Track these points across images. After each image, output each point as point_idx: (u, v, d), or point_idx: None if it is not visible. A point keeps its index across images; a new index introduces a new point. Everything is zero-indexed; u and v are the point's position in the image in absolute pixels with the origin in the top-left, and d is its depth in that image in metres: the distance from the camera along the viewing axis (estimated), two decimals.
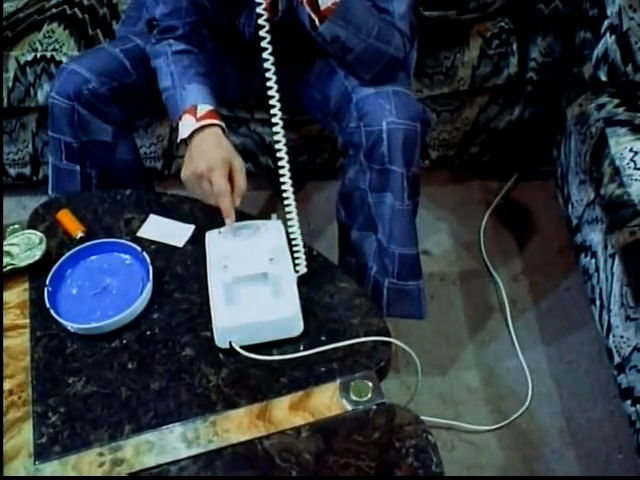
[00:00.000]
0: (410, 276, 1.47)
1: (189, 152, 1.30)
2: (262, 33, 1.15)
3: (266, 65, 1.16)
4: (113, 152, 1.53)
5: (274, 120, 1.18)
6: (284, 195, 1.18)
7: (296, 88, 1.54)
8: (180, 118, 1.32)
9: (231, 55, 1.53)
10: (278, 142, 1.18)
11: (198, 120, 1.29)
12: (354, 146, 1.38)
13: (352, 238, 1.49)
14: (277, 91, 1.18)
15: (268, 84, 1.17)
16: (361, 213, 1.44)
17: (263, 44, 1.16)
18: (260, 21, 1.15)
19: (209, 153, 1.26)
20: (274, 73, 1.17)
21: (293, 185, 1.19)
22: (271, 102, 1.17)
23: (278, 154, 1.18)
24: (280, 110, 1.18)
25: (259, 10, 1.15)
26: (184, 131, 1.30)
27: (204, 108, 1.31)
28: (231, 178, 1.25)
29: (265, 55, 1.16)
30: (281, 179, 1.18)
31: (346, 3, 1.25)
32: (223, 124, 1.32)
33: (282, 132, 1.18)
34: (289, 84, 1.55)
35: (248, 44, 1.44)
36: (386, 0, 1.33)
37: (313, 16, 1.27)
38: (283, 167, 1.18)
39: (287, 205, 1.18)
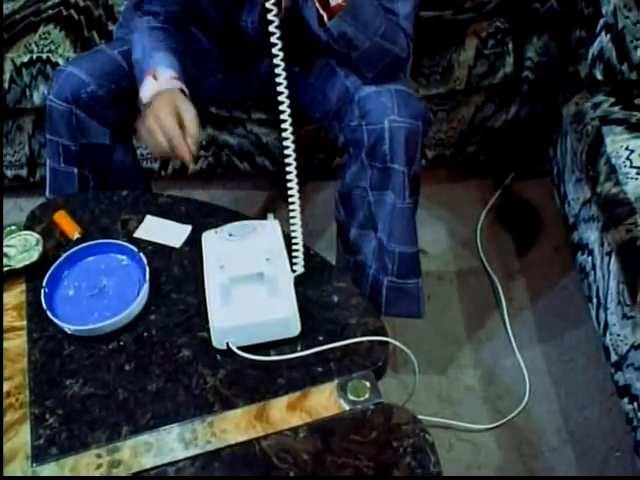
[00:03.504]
0: (409, 274, 1.47)
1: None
2: (272, 28, 1.15)
3: (276, 61, 1.16)
4: (111, 155, 1.53)
5: (282, 117, 1.16)
6: (289, 192, 1.17)
7: (295, 88, 1.54)
8: (142, 81, 1.34)
9: (228, 56, 1.53)
10: (286, 139, 1.16)
11: (159, 84, 1.32)
12: (355, 144, 1.38)
13: (351, 237, 1.49)
14: (287, 87, 1.17)
15: (277, 80, 1.16)
16: (361, 211, 1.44)
17: (273, 39, 1.15)
18: (270, 16, 1.15)
19: (156, 104, 1.29)
20: (284, 69, 1.16)
21: (284, 186, 1.19)
22: (280, 98, 1.17)
23: (285, 151, 1.17)
24: (289, 107, 1.17)
25: (268, 5, 1.15)
26: (144, 94, 1.33)
27: (166, 72, 1.33)
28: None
29: (275, 51, 1.15)
30: (287, 176, 1.16)
31: (355, 0, 1.25)
32: (184, 87, 1.34)
33: (290, 129, 1.17)
34: (288, 84, 1.55)
35: (248, 43, 1.44)
36: (391, 1, 1.33)
37: (322, 12, 1.27)
38: (290, 164, 1.16)
39: (291, 203, 1.17)
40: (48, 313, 1.14)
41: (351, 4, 1.24)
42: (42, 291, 1.17)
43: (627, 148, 1.46)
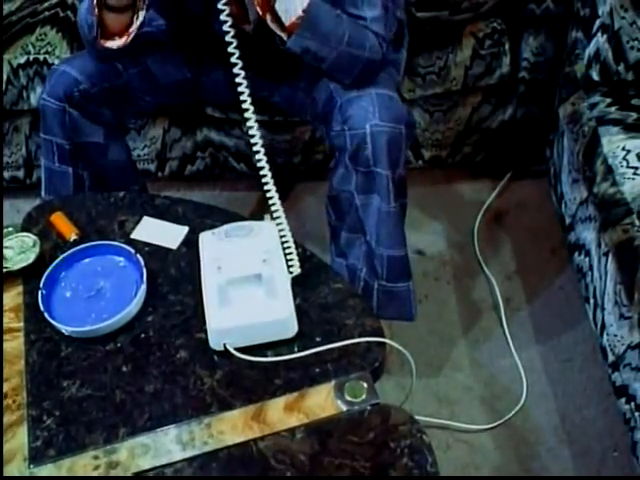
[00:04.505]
0: (399, 278, 1.47)
1: None
2: (225, 28, 1.16)
3: (232, 59, 1.16)
4: (105, 154, 1.53)
5: (249, 123, 1.18)
6: (268, 195, 1.18)
7: (286, 92, 1.55)
8: None
9: (224, 58, 1.53)
10: (254, 139, 1.18)
11: None
12: (339, 149, 1.38)
13: (342, 240, 1.49)
14: (249, 95, 1.18)
15: (237, 80, 1.16)
16: (349, 215, 1.44)
17: (228, 38, 1.16)
18: (222, 17, 1.15)
19: None
20: (244, 78, 1.17)
21: (280, 187, 1.19)
22: (242, 98, 1.17)
23: (254, 147, 1.18)
24: (254, 113, 1.18)
25: (220, 5, 1.15)
26: None
27: None
28: None
29: (230, 49, 1.16)
30: (265, 187, 1.18)
31: (310, 15, 1.25)
32: None
33: (258, 134, 1.18)
34: (280, 88, 1.55)
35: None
36: (356, 8, 1.33)
37: (279, 33, 1.28)
38: (263, 167, 1.18)
39: (275, 211, 1.18)
40: (45, 315, 1.14)
41: (307, 19, 1.25)
42: (39, 293, 1.17)
43: (624, 148, 1.46)
